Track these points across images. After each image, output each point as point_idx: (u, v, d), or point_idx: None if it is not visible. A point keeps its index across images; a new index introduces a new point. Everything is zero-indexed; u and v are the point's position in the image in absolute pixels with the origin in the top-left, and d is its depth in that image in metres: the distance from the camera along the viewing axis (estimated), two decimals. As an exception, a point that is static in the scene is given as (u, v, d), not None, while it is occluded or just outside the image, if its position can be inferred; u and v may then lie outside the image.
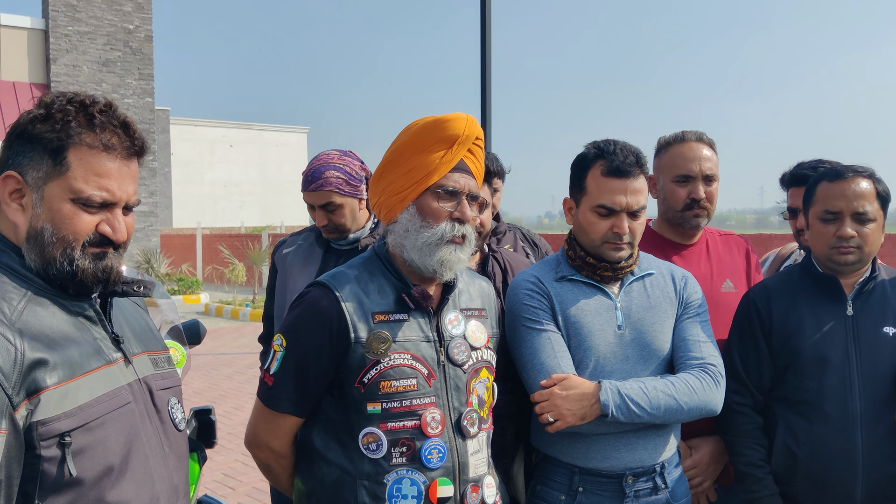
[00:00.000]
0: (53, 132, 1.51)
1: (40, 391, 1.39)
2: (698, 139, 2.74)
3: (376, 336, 1.94)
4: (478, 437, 2.05)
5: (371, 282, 2.02)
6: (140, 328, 1.75)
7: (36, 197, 1.51)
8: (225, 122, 46.45)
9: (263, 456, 2.09)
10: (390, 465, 1.92)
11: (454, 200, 2.01)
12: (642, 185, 2.30)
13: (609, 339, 2.26)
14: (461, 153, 2.02)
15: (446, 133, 2.00)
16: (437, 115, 2.05)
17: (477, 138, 2.06)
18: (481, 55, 9.18)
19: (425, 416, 1.94)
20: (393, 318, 1.98)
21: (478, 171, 2.10)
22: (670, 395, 2.18)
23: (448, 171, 2.00)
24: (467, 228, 2.02)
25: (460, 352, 2.03)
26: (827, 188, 2.46)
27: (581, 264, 2.34)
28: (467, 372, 2.03)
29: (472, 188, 2.05)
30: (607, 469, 2.23)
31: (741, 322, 2.57)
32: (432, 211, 2.00)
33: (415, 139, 2.02)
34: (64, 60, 19.85)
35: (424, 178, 1.99)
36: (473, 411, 2.03)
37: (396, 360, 1.94)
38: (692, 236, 2.79)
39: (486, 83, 9.09)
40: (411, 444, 1.93)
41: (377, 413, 1.92)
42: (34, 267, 1.52)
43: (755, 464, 2.46)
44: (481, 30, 9.14)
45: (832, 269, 2.47)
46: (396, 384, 1.93)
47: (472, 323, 2.10)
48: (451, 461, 1.97)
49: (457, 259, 2.00)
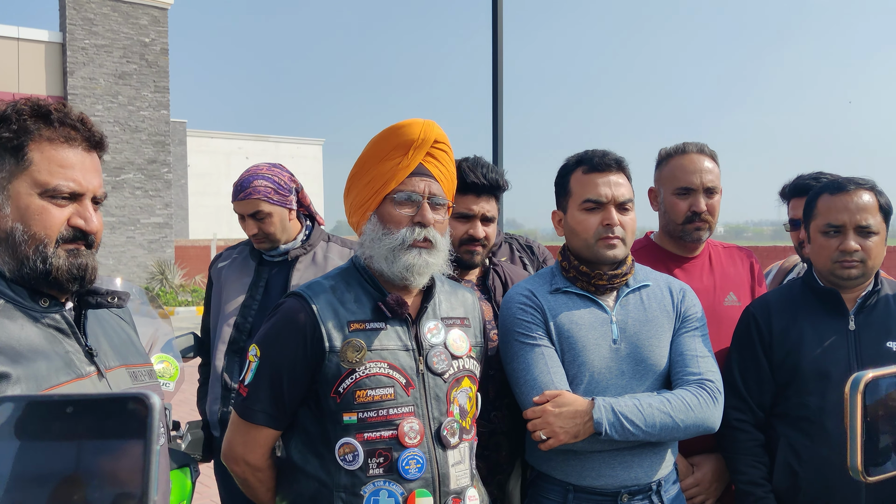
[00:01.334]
0: (10, 132, 1.50)
1: None
2: (699, 151, 2.70)
3: (350, 344, 1.91)
4: (459, 448, 1.99)
5: (348, 291, 2.00)
6: (120, 341, 1.72)
7: (2, 198, 1.50)
8: (241, 135, 46.74)
9: (240, 470, 2.04)
10: (367, 477, 1.88)
11: (413, 205, 1.98)
12: (625, 182, 2.30)
13: (604, 353, 2.22)
14: (418, 157, 1.99)
15: (401, 139, 1.98)
16: (394, 123, 2.04)
17: (437, 142, 2.02)
18: (493, 64, 9.18)
19: (402, 426, 1.90)
20: (369, 327, 1.95)
21: (443, 174, 2.05)
22: (666, 412, 2.13)
23: (405, 176, 1.98)
24: (430, 231, 1.97)
25: (440, 360, 1.99)
26: (829, 201, 2.42)
27: (575, 275, 2.31)
28: (448, 381, 1.99)
29: (433, 191, 2.00)
30: (602, 487, 2.19)
31: (741, 337, 2.52)
32: (392, 217, 1.98)
33: (373, 149, 2.02)
34: (81, 73, 20.06)
35: (383, 187, 1.98)
36: (454, 421, 1.98)
37: (372, 368, 1.90)
38: (694, 249, 2.75)
39: (498, 92, 9.09)
40: (388, 455, 1.89)
41: (353, 423, 1.89)
42: (7, 270, 1.50)
43: (756, 482, 2.41)
44: (493, 39, 9.15)
45: (834, 283, 2.43)
46: (373, 393, 1.89)
47: (454, 332, 2.06)
48: (430, 472, 1.92)
49: (424, 263, 1.96)
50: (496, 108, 9.12)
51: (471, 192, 2.48)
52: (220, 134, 45.93)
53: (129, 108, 20.84)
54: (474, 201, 2.50)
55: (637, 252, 2.70)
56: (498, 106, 9.09)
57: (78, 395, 0.86)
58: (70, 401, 0.84)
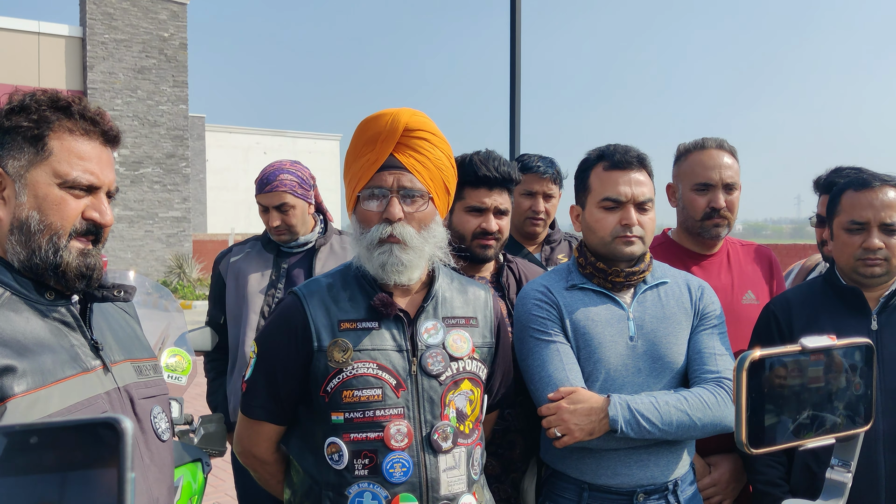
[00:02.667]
0: (30, 121, 1.50)
1: (7, 399, 1.35)
2: (718, 146, 2.66)
3: (336, 344, 1.89)
4: (453, 453, 1.93)
5: (344, 290, 1.97)
6: (125, 335, 1.71)
7: (19, 186, 1.49)
8: (259, 130, 46.91)
9: (249, 463, 2.08)
10: (353, 477, 1.86)
11: (381, 201, 1.92)
12: (646, 180, 2.26)
13: (620, 350, 2.19)
14: (386, 150, 1.91)
15: (370, 133, 1.92)
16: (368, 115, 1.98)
17: (409, 130, 1.92)
18: (511, 60, 9.14)
19: (389, 429, 1.86)
20: (360, 327, 1.91)
21: (421, 164, 1.94)
22: (683, 410, 2.09)
23: (374, 171, 1.92)
24: (399, 228, 1.89)
25: (435, 362, 1.93)
26: (853, 197, 2.37)
27: (592, 271, 2.27)
28: (444, 383, 1.94)
29: (402, 183, 1.91)
30: (617, 486, 2.15)
31: (761, 335, 2.48)
32: (364, 216, 1.94)
33: (350, 147, 1.98)
34: (100, 68, 20.20)
35: (357, 185, 1.95)
36: (448, 425, 1.92)
37: (360, 369, 1.87)
38: (712, 246, 2.71)
39: (515, 88, 9.05)
40: (373, 457, 1.86)
41: (340, 423, 1.87)
42: (16, 260, 1.49)
43: (774, 482, 2.38)
44: (511, 34, 9.11)
45: (857, 281, 2.38)
46: (359, 394, 1.86)
47: (455, 332, 2.00)
48: (417, 476, 1.87)
49: (397, 260, 1.89)
50: (513, 103, 9.08)
51: (483, 185, 2.46)
52: (238, 129, 46.12)
53: (147, 102, 20.95)
54: (486, 194, 2.47)
55: (654, 249, 2.66)
56: (515, 101, 9.05)
57: (41, 423, 0.78)
58: (33, 430, 0.77)
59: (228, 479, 6.10)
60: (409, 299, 1.99)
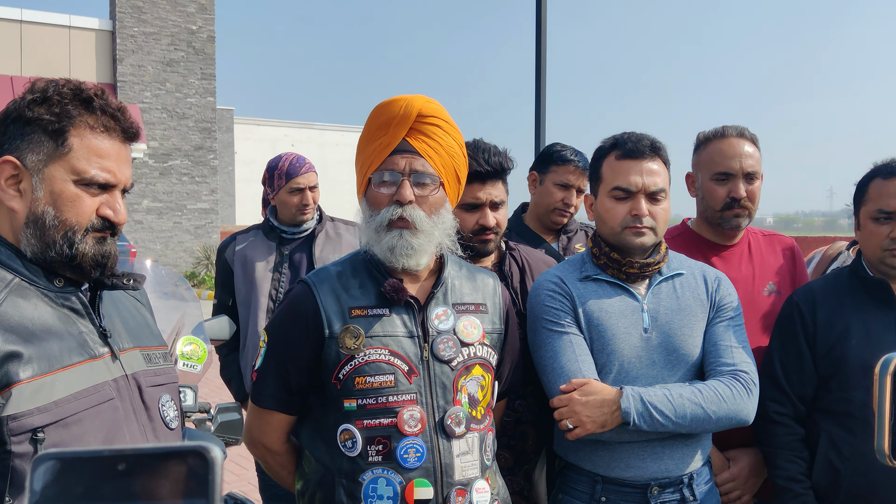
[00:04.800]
0: (52, 114, 1.49)
1: (12, 385, 1.36)
2: (739, 134, 2.59)
3: (348, 331, 1.88)
4: (466, 438, 1.93)
5: (353, 277, 1.96)
6: (135, 323, 1.71)
7: (36, 180, 1.49)
8: (287, 122, 47.15)
9: (259, 453, 2.07)
10: (366, 464, 1.85)
11: (392, 184, 1.91)
12: (659, 169, 2.21)
13: (634, 342, 2.15)
14: (399, 134, 1.91)
15: (384, 117, 1.92)
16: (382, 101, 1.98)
17: (423, 116, 1.92)
18: (536, 50, 9.09)
19: (402, 414, 1.85)
20: (371, 313, 1.91)
21: (433, 150, 1.94)
22: (697, 402, 2.06)
23: (386, 155, 1.92)
24: (409, 210, 1.89)
25: (447, 348, 1.93)
26: (881, 185, 2.31)
27: (606, 262, 2.23)
28: (456, 369, 1.93)
29: (415, 167, 1.90)
30: (631, 479, 2.12)
31: (783, 327, 2.42)
32: (374, 198, 1.93)
33: (363, 131, 1.98)
34: (130, 61, 20.41)
35: (368, 168, 1.94)
36: (461, 410, 1.92)
37: (372, 355, 1.87)
38: (733, 237, 2.65)
39: (541, 79, 9.00)
40: (387, 443, 1.85)
41: (353, 410, 1.86)
42: (31, 252, 1.49)
43: (795, 478, 2.33)
44: (536, 27, 9.06)
45: (884, 273, 2.32)
46: (372, 380, 1.86)
47: (466, 318, 1.99)
48: (431, 462, 1.87)
49: (406, 244, 1.89)
50: (538, 94, 9.03)
51: (475, 179, 2.36)
52: (266, 121, 46.41)
53: (176, 94, 21.13)
54: (479, 188, 2.39)
55: (673, 239, 2.61)
56: (540, 92, 9.00)
57: (130, 448, 0.78)
58: (122, 456, 0.75)
59: (251, 468, 6.14)
60: (418, 286, 1.99)
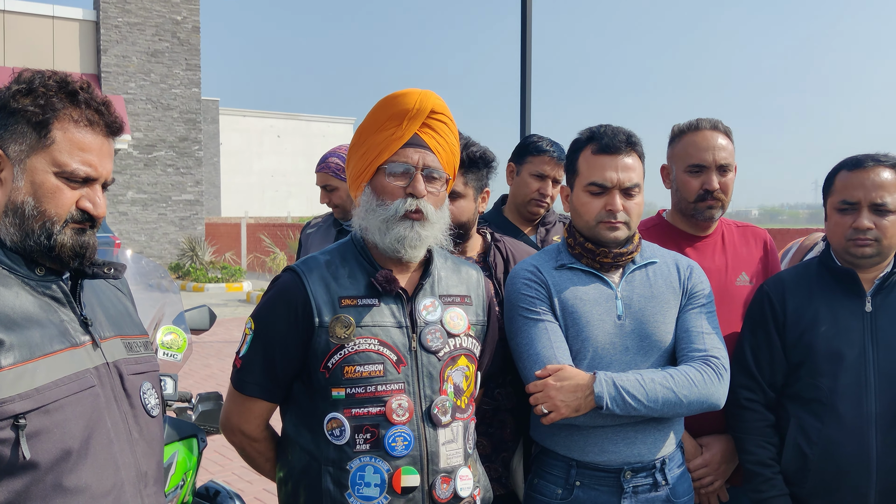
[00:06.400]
0: (37, 106, 1.51)
1: None
2: (713, 127, 2.63)
3: (339, 320, 1.91)
4: (451, 427, 1.98)
5: (342, 266, 1.99)
6: (116, 311, 1.73)
7: (17, 170, 1.51)
8: (273, 113, 46.95)
9: (237, 440, 2.08)
10: (354, 452, 1.89)
11: (406, 176, 1.95)
12: (635, 164, 2.25)
13: (608, 329, 2.20)
14: (413, 128, 1.96)
15: (396, 109, 1.95)
16: (392, 92, 2.01)
17: (434, 112, 1.98)
18: (521, 43, 9.11)
19: (391, 403, 1.89)
20: (361, 303, 1.94)
21: (441, 146, 2.01)
22: (669, 387, 2.11)
23: (399, 146, 1.95)
24: (423, 203, 1.95)
25: (434, 338, 1.97)
26: (845, 177, 2.36)
27: (581, 252, 2.28)
28: (442, 359, 1.98)
29: (427, 162, 1.97)
30: (605, 463, 2.17)
31: (754, 315, 2.48)
32: (385, 188, 1.96)
33: (369, 119, 2.00)
34: (114, 51, 20.28)
35: (377, 158, 1.96)
36: (447, 400, 1.97)
37: (361, 345, 1.90)
38: (706, 228, 2.70)
39: (526, 73, 9.02)
40: (375, 431, 1.89)
41: (341, 398, 1.89)
42: (10, 241, 1.51)
43: (764, 463, 2.38)
44: (521, 21, 9.06)
45: (849, 262, 2.37)
46: (361, 369, 1.89)
47: (452, 310, 2.04)
48: (418, 450, 1.91)
49: (416, 235, 1.94)
50: (524, 90, 9.05)
51: None
52: (252, 112, 46.17)
53: (161, 85, 21.02)
54: None
55: (649, 230, 2.66)
56: (526, 85, 9.02)
57: None
58: None
59: (236, 459, 6.16)
60: (407, 277, 2.02)
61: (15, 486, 1.39)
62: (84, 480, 1.46)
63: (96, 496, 1.48)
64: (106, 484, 1.50)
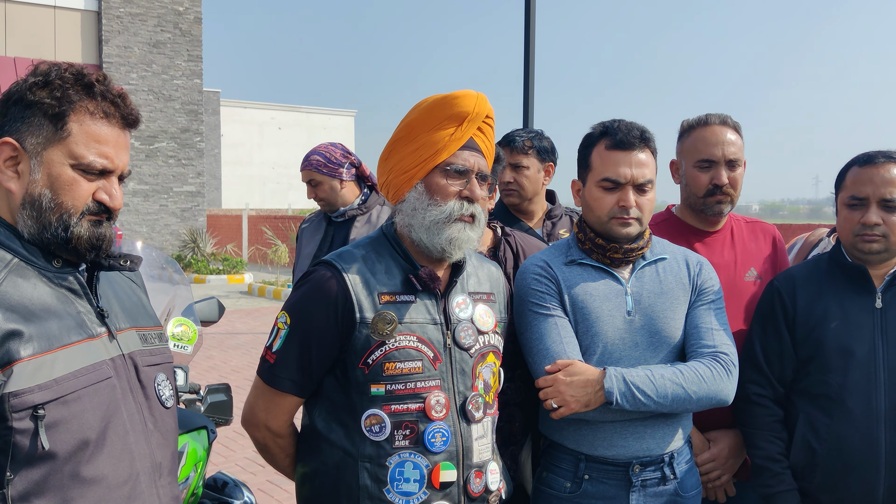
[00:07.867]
0: (53, 98, 1.51)
1: (13, 363, 1.39)
2: (722, 122, 2.64)
3: (382, 317, 1.91)
4: (482, 423, 2.01)
5: (378, 262, 1.99)
6: (131, 303, 1.73)
7: (34, 163, 1.51)
8: (274, 105, 46.91)
9: (260, 436, 2.05)
10: (393, 448, 1.89)
11: (463, 179, 1.97)
12: (648, 159, 2.25)
13: (618, 324, 2.21)
14: (471, 131, 1.98)
15: (455, 110, 1.96)
16: (446, 93, 2.01)
17: (487, 117, 2.02)
18: (525, 39, 9.11)
19: (430, 400, 1.91)
20: (399, 299, 1.95)
21: (488, 150, 2.06)
22: (678, 383, 2.12)
23: (457, 149, 1.97)
24: (476, 208, 1.98)
25: (467, 335, 2.00)
26: (856, 173, 2.37)
27: (591, 247, 2.28)
28: (474, 356, 2.00)
29: (481, 167, 2.01)
30: (613, 457, 2.18)
31: (764, 310, 2.48)
32: (440, 189, 1.96)
33: (423, 116, 1.99)
34: (116, 42, 20.22)
35: (433, 156, 1.96)
36: (479, 396, 2.00)
37: (402, 341, 1.91)
38: (715, 223, 2.70)
39: (529, 68, 9.02)
40: (415, 427, 1.90)
41: (381, 395, 1.90)
42: (28, 233, 1.52)
43: (773, 458, 2.39)
44: (525, 12, 9.06)
45: (859, 258, 2.38)
46: (401, 366, 1.90)
47: (480, 307, 2.07)
48: (454, 445, 1.93)
49: (466, 238, 1.96)
50: (527, 81, 9.06)
51: None
52: (253, 104, 46.11)
53: (162, 76, 20.98)
54: None
55: (658, 225, 2.66)
56: (529, 80, 9.03)
57: None
58: None
59: (239, 450, 6.19)
60: (440, 274, 2.04)
61: (33, 475, 1.40)
62: (101, 471, 1.48)
63: (112, 486, 1.50)
64: (122, 474, 1.52)
